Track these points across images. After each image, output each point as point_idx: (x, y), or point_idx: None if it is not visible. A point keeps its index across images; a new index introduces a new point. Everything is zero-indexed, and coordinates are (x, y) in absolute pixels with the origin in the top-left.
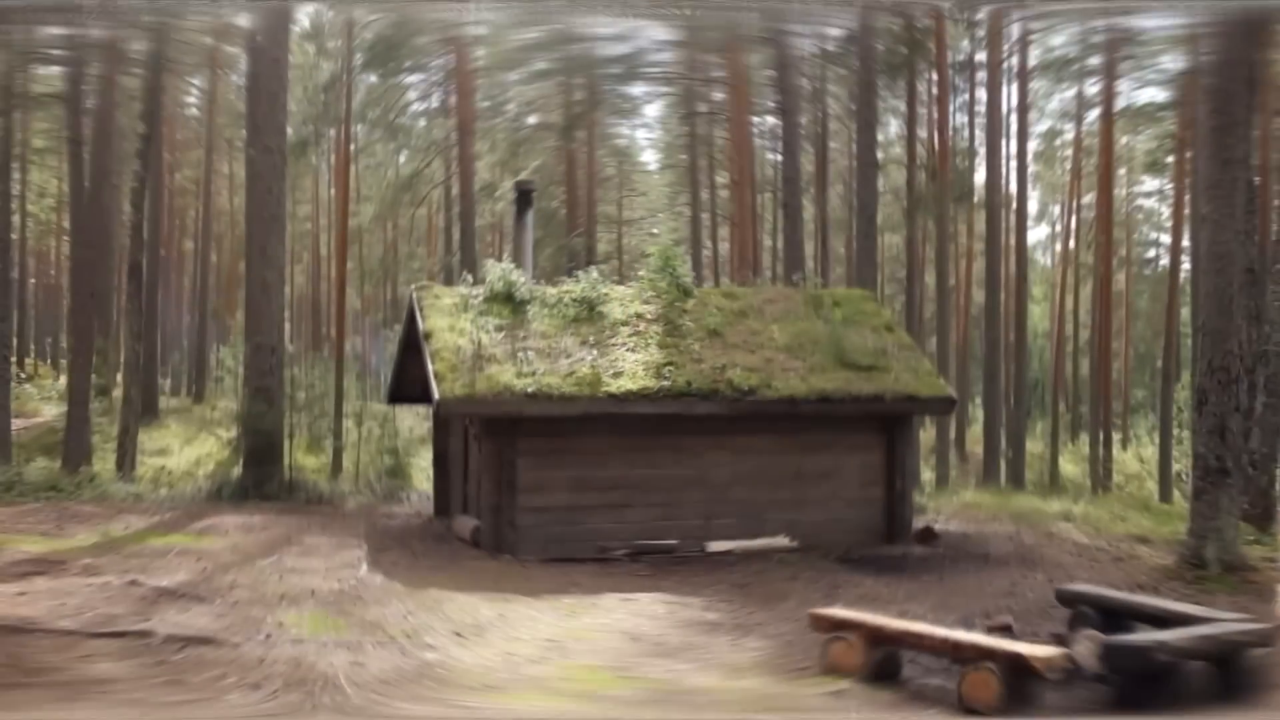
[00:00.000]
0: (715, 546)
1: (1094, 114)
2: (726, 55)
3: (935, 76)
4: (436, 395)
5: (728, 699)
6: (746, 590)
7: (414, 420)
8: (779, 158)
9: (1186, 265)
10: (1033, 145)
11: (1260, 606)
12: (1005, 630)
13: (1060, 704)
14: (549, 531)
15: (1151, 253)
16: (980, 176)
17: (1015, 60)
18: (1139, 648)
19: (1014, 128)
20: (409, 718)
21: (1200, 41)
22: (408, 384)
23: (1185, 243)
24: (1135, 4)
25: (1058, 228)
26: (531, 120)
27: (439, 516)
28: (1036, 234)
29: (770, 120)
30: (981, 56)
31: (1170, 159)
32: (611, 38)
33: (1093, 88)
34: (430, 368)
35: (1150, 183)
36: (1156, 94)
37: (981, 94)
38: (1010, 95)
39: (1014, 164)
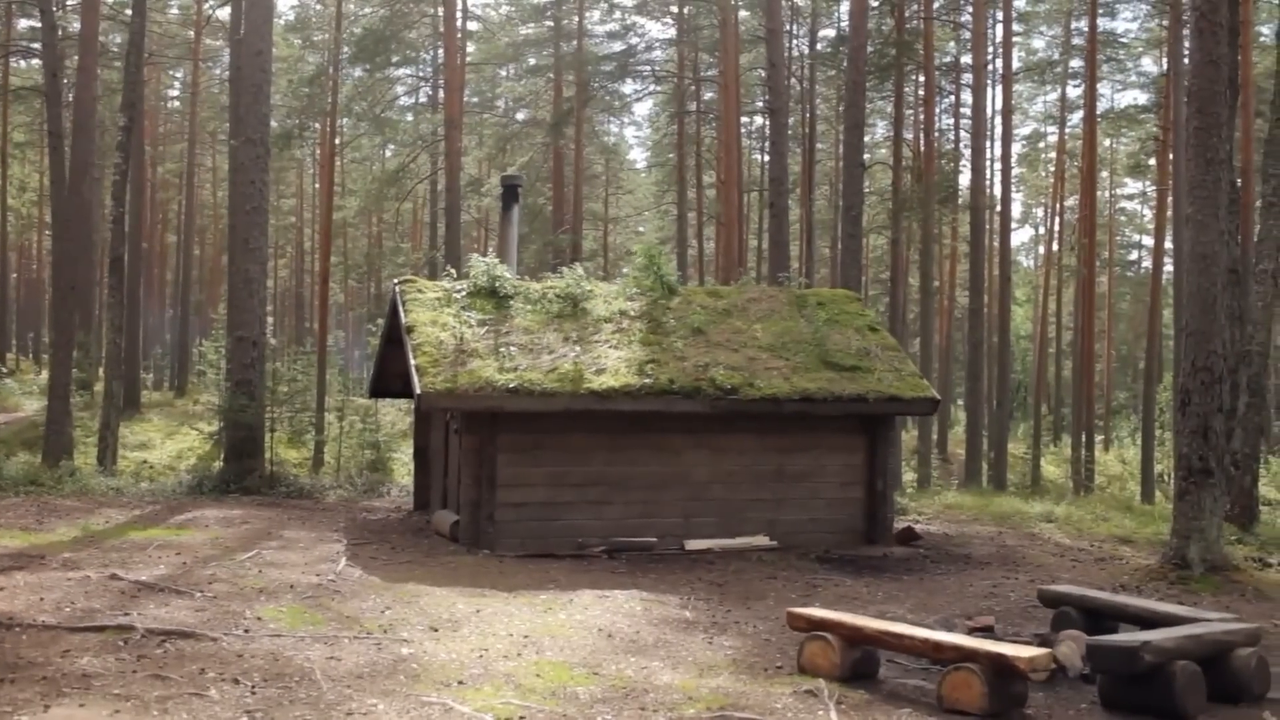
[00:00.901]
0: (694, 545)
1: (1077, 116)
2: (718, 54)
3: (922, 79)
4: (418, 389)
5: (698, 696)
6: (724, 589)
7: (395, 414)
8: (766, 158)
9: (1168, 267)
10: (1017, 148)
11: (1244, 606)
12: (987, 631)
13: (1044, 705)
14: (527, 527)
15: (1134, 255)
16: (965, 179)
17: (999, 63)
18: (1123, 648)
19: (998, 130)
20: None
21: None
22: (390, 378)
23: (1167, 245)
24: None
25: (1041, 230)
26: (520, 116)
27: (419, 511)
28: (1020, 236)
29: (758, 120)
30: (967, 59)
31: (1152, 161)
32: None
33: (1075, 90)
34: (412, 362)
35: (1132, 185)
36: (1139, 96)
37: (966, 96)
38: (995, 98)
39: (998, 166)
